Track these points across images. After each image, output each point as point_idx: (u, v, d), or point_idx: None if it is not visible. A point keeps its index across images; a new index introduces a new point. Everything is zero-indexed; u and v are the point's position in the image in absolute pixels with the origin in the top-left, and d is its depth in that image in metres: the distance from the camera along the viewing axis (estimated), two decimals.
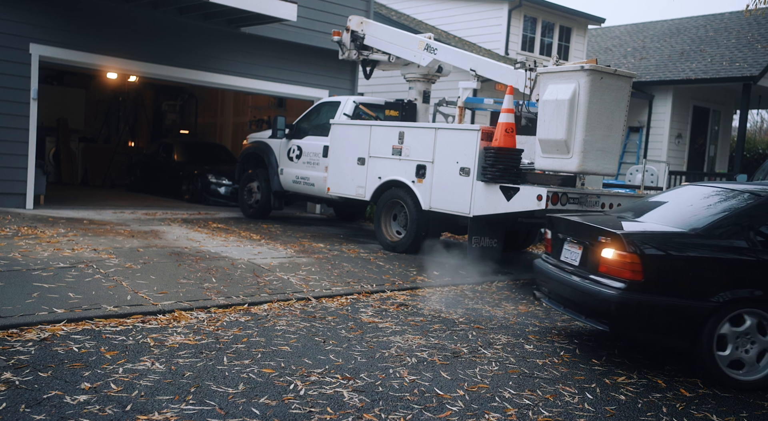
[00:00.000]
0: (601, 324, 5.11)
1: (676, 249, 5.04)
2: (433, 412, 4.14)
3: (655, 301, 4.94)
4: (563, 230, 5.98)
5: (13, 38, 10.81)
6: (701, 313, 4.88)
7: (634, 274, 4.94)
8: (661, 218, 5.65)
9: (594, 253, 5.34)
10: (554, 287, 5.82)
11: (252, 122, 18.16)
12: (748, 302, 4.93)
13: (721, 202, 5.53)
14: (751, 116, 34.57)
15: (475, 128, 8.76)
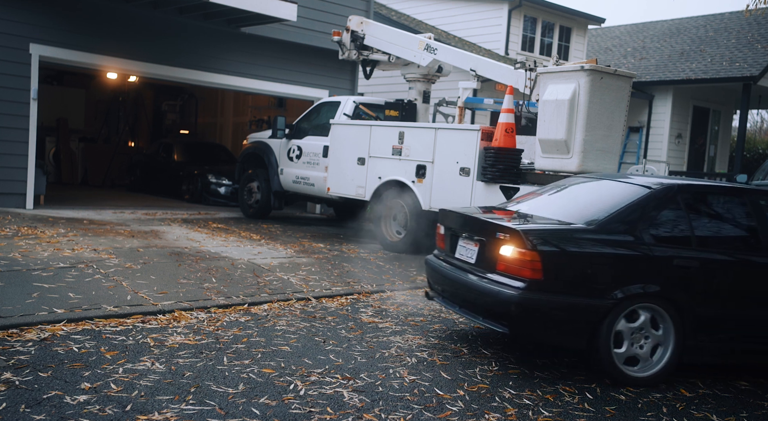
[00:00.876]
0: (501, 326, 4.85)
1: (576, 245, 4.84)
2: (433, 412, 4.14)
3: (555, 300, 4.75)
4: (457, 226, 5.65)
5: (13, 38, 10.82)
6: (599, 311, 4.74)
7: (534, 272, 4.72)
8: (559, 212, 5.40)
9: (492, 250, 5.05)
10: (449, 287, 5.52)
11: (252, 122, 18.16)
12: (643, 297, 4.83)
13: (616, 195, 5.32)
14: (751, 116, 34.58)
15: (475, 128, 8.76)
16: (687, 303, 4.89)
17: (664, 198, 5.15)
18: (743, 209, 5.37)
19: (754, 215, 5.31)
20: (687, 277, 4.92)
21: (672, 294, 4.87)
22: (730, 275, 5.10)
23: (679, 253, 4.94)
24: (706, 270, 4.99)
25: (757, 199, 5.39)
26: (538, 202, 5.90)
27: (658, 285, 4.84)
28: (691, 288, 4.93)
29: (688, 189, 5.30)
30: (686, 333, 4.91)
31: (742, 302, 5.09)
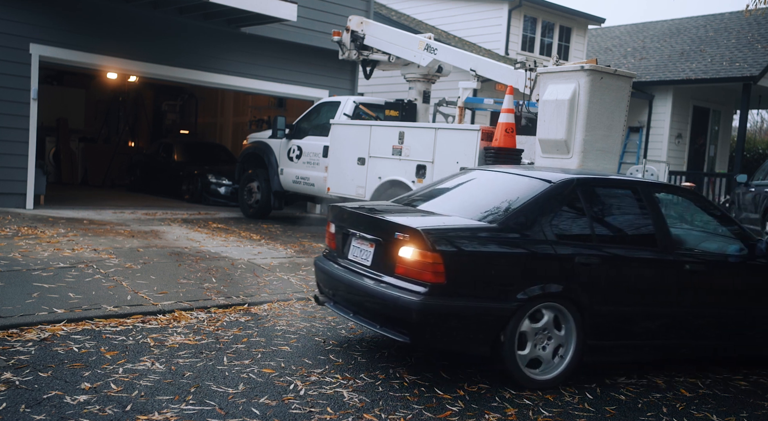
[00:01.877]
0: (401, 335, 4.46)
1: (481, 245, 4.53)
2: (433, 412, 4.14)
3: (460, 305, 4.42)
4: (351, 224, 5.16)
5: (13, 38, 10.82)
6: (504, 314, 4.48)
7: (436, 276, 4.35)
8: (460, 209, 5.10)
9: (389, 252, 4.65)
10: (342, 291, 5.07)
11: (252, 122, 18.17)
12: (547, 297, 4.61)
13: (517, 190, 5.06)
14: (751, 116, 34.58)
15: (475, 128, 8.76)
16: (589, 302, 4.72)
17: (564, 193, 4.94)
18: (639, 203, 5.24)
19: (649, 209, 5.19)
20: (588, 275, 4.75)
21: (574, 293, 4.68)
22: (628, 271, 4.95)
23: (580, 250, 4.76)
24: (607, 267, 4.84)
25: (651, 192, 5.27)
26: (437, 197, 5.56)
27: (562, 284, 4.64)
28: (593, 286, 4.76)
29: (587, 183, 5.12)
30: (587, 332, 4.76)
31: (640, 299, 4.95)
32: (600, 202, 5.23)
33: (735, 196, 14.85)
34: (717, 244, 5.56)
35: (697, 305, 5.15)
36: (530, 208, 4.79)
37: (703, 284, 5.18)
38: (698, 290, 5.14)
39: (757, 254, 5.38)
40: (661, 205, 5.27)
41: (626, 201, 5.32)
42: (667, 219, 5.24)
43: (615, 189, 5.39)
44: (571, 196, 4.95)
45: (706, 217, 5.70)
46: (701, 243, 5.57)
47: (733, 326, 5.32)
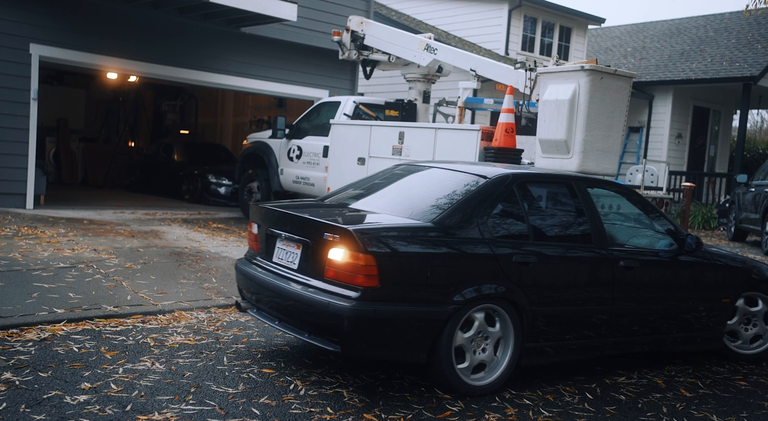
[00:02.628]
0: (331, 344, 4.16)
1: (416, 246, 4.25)
2: (433, 412, 4.14)
3: (394, 310, 4.14)
4: (276, 224, 4.84)
5: (13, 38, 10.82)
6: (441, 318, 4.24)
7: (369, 279, 4.07)
8: (393, 207, 4.84)
9: (318, 254, 4.35)
10: (266, 297, 4.73)
11: (252, 122, 18.17)
12: (485, 299, 4.40)
13: (452, 186, 4.84)
14: (751, 116, 34.58)
15: (475, 128, 8.76)
16: (527, 302, 4.55)
17: (500, 189, 4.75)
18: (575, 199, 5.12)
19: (584, 205, 5.08)
20: (527, 274, 4.57)
21: (513, 294, 4.50)
22: (566, 270, 4.82)
23: (518, 248, 4.58)
24: (545, 266, 4.69)
25: (584, 187, 5.16)
26: (369, 194, 5.28)
27: (500, 285, 4.44)
28: (531, 286, 4.59)
29: (522, 178, 4.95)
30: (525, 335, 4.59)
31: (578, 298, 4.83)
32: (536, 198, 5.14)
33: (735, 196, 14.86)
34: (649, 239, 5.54)
35: (632, 302, 5.09)
36: (466, 205, 4.59)
37: (636, 280, 5.10)
38: (632, 287, 5.07)
39: (686, 249, 5.37)
40: (595, 201, 5.17)
41: (562, 197, 5.22)
42: (601, 215, 5.16)
43: (550, 184, 5.25)
44: (507, 192, 4.78)
45: (638, 212, 5.61)
46: (634, 239, 5.54)
47: (665, 321, 5.30)
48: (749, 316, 5.81)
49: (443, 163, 5.52)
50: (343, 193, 5.43)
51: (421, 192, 5.07)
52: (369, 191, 5.32)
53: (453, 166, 5.23)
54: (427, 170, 5.35)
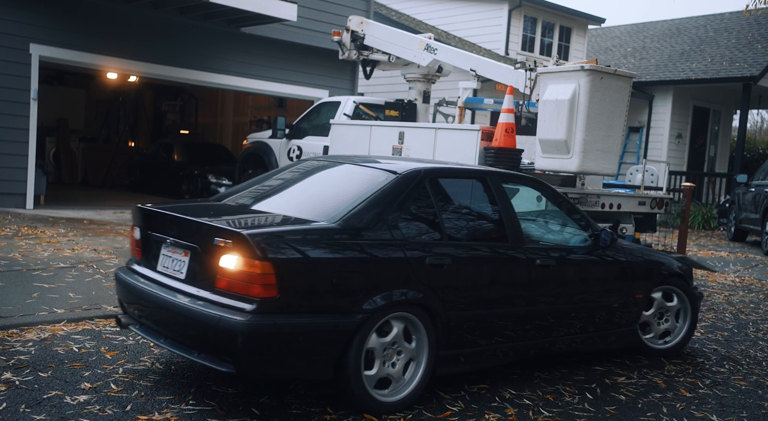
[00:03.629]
0: (224, 364, 3.68)
1: (319, 250, 3.84)
2: (433, 412, 4.14)
3: (296, 323, 3.74)
4: (161, 228, 4.29)
5: (13, 38, 10.82)
6: (348, 330, 3.85)
7: (266, 289, 3.64)
8: (294, 207, 4.44)
9: (208, 261, 3.86)
10: (149, 311, 4.19)
11: (252, 122, 18.18)
12: (396, 306, 4.05)
13: (360, 184, 4.47)
14: (751, 116, 34.58)
15: (475, 128, 8.75)
16: (442, 307, 4.24)
17: (411, 186, 4.40)
18: (489, 195, 4.85)
19: (499, 201, 4.82)
20: (441, 277, 4.26)
21: (427, 299, 4.16)
22: (481, 271, 4.55)
23: (431, 250, 4.27)
24: (459, 268, 4.39)
25: (499, 182, 4.90)
26: (269, 193, 4.83)
27: (413, 290, 4.10)
28: (446, 290, 4.29)
29: (434, 173, 4.63)
30: (441, 342, 4.27)
31: (494, 300, 4.59)
32: (450, 195, 4.83)
33: (735, 196, 14.86)
34: (565, 235, 5.37)
35: (549, 302, 4.90)
36: (375, 204, 4.20)
37: (553, 279, 4.92)
38: (549, 286, 4.90)
39: (600, 244, 5.21)
40: (510, 197, 4.95)
41: (477, 193, 4.94)
42: (516, 211, 4.92)
43: (464, 180, 4.98)
44: (418, 189, 4.44)
45: (554, 207, 5.42)
46: (550, 235, 5.38)
47: (582, 319, 5.15)
48: (663, 310, 5.76)
49: (352, 157, 5.12)
50: (242, 191, 4.94)
51: (327, 190, 4.68)
52: (270, 190, 4.88)
53: (362, 162, 4.87)
54: (334, 166, 4.96)
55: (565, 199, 5.45)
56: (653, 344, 5.73)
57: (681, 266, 5.86)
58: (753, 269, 11.17)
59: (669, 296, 5.79)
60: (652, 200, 8.61)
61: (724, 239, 15.10)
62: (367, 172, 4.62)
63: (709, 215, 17.19)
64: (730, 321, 7.33)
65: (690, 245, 13.12)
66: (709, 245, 13.91)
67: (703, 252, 12.62)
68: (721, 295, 8.86)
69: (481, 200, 4.93)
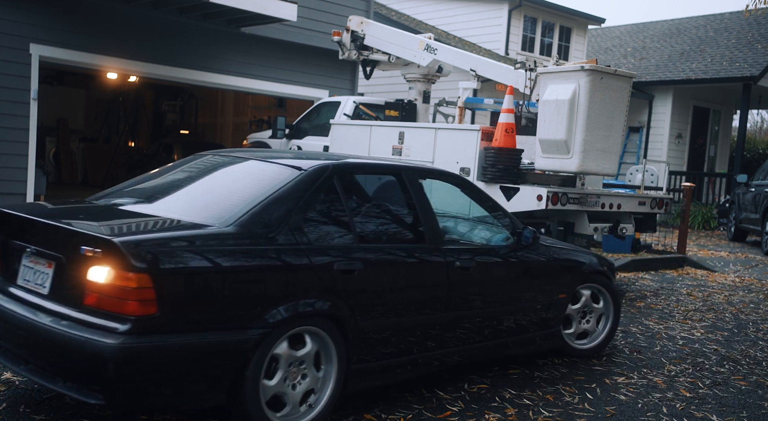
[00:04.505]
0: (92, 395, 3.17)
1: (208, 258, 3.36)
2: (433, 412, 4.14)
3: (180, 344, 3.24)
4: (21, 234, 3.74)
5: (13, 38, 10.81)
6: (245, 348, 3.41)
7: (143, 306, 3.15)
8: (180, 209, 3.89)
9: (75, 274, 3.33)
10: (7, 332, 3.61)
11: (252, 122, 18.19)
12: (300, 319, 3.63)
13: (259, 182, 4.02)
14: (751, 116, 34.59)
15: (475, 128, 8.76)
16: (353, 318, 3.85)
17: (318, 183, 3.99)
18: (405, 192, 4.51)
19: (415, 199, 4.47)
20: (351, 284, 3.87)
21: (336, 309, 3.77)
22: (397, 275, 4.22)
23: (340, 254, 3.88)
24: (371, 273, 4.02)
25: (416, 178, 4.56)
26: (152, 193, 4.30)
27: (320, 300, 3.71)
28: (357, 298, 3.91)
29: (344, 169, 4.24)
30: (351, 356, 3.88)
31: (412, 306, 4.25)
32: (361, 193, 4.54)
33: (735, 196, 14.86)
34: (486, 234, 5.11)
35: (471, 305, 4.63)
36: (276, 204, 3.76)
37: (474, 281, 4.64)
38: (470, 289, 4.62)
39: (523, 243, 4.96)
40: (428, 194, 4.59)
41: (391, 190, 4.61)
42: (435, 209, 4.58)
43: (378, 176, 4.66)
44: (326, 186, 4.03)
45: (474, 204, 5.12)
46: (470, 234, 5.13)
47: (506, 323, 4.91)
48: (587, 310, 5.57)
49: (253, 152, 4.67)
50: (121, 190, 4.44)
51: (223, 189, 4.17)
52: (157, 189, 4.34)
53: (264, 157, 4.42)
54: (235, 162, 4.49)
55: (486, 196, 5.21)
56: (574, 344, 5.52)
57: (603, 263, 5.70)
58: (753, 269, 11.17)
59: (596, 297, 5.62)
60: (652, 200, 8.61)
61: (724, 239, 15.10)
62: (270, 169, 4.16)
63: (709, 215, 17.19)
64: (730, 321, 7.33)
65: (690, 244, 13.13)
66: (709, 245, 13.91)
67: (703, 252, 12.62)
68: (721, 295, 8.86)
69: (397, 198, 4.60)
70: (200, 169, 4.51)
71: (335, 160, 4.26)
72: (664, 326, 6.85)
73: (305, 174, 3.99)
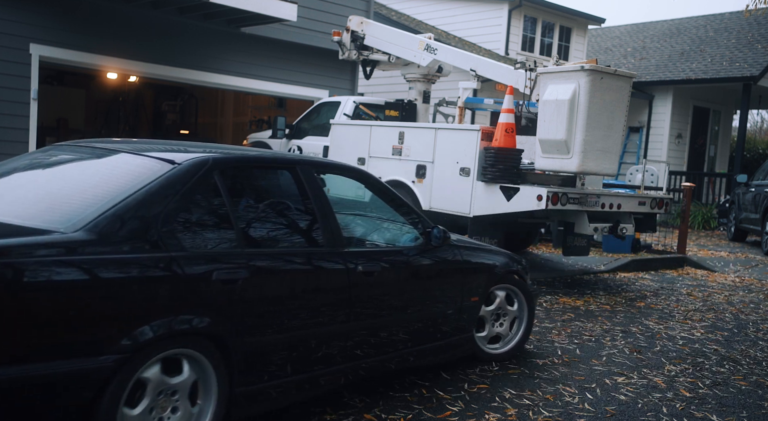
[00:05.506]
0: None
1: (53, 270, 2.81)
2: (433, 412, 4.14)
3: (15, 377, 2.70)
4: None
5: (13, 38, 10.82)
6: (99, 376, 2.89)
7: None
8: (26, 210, 3.28)
9: None
10: None
11: (252, 122, 18.19)
12: (170, 340, 3.13)
13: (124, 177, 3.43)
14: (751, 116, 34.60)
15: (475, 128, 8.76)
16: (236, 335, 3.38)
17: (194, 179, 3.45)
18: (300, 189, 4.03)
19: (312, 196, 4.00)
20: (234, 296, 3.39)
21: (215, 327, 3.28)
22: (287, 283, 3.72)
23: (220, 262, 3.38)
24: (257, 282, 3.52)
25: (312, 173, 4.09)
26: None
27: (195, 316, 3.21)
28: (241, 312, 3.42)
29: (226, 163, 3.70)
30: (236, 378, 3.41)
31: (302, 319, 3.75)
32: (249, 190, 4.02)
33: (735, 196, 14.87)
34: (392, 234, 4.75)
35: (376, 314, 4.21)
36: (141, 203, 3.22)
37: (380, 287, 4.23)
38: (375, 296, 4.20)
39: (432, 243, 4.59)
40: (326, 191, 4.21)
41: (284, 187, 4.16)
42: (334, 208, 4.13)
43: (268, 171, 4.14)
44: (205, 183, 3.51)
45: (380, 202, 4.68)
46: (375, 235, 4.77)
47: (415, 331, 4.51)
48: (501, 312, 5.27)
49: (120, 143, 4.01)
50: None
51: (76, 186, 3.53)
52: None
53: (132, 148, 3.80)
54: (93, 153, 3.84)
55: (392, 193, 4.71)
56: (487, 348, 5.19)
57: (517, 263, 5.40)
58: (753, 269, 11.17)
59: (510, 299, 5.32)
60: (652, 200, 8.62)
61: (724, 239, 15.10)
62: (137, 163, 3.56)
63: (709, 215, 17.20)
64: (730, 321, 7.33)
65: (690, 244, 13.13)
66: (709, 245, 13.92)
67: (703, 252, 12.62)
68: (721, 295, 8.86)
69: (290, 196, 4.10)
70: (51, 163, 3.88)
71: (217, 153, 3.73)
72: (664, 326, 6.85)
73: (179, 169, 3.44)
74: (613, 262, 10.55)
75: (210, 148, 3.92)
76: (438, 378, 4.72)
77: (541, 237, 11.86)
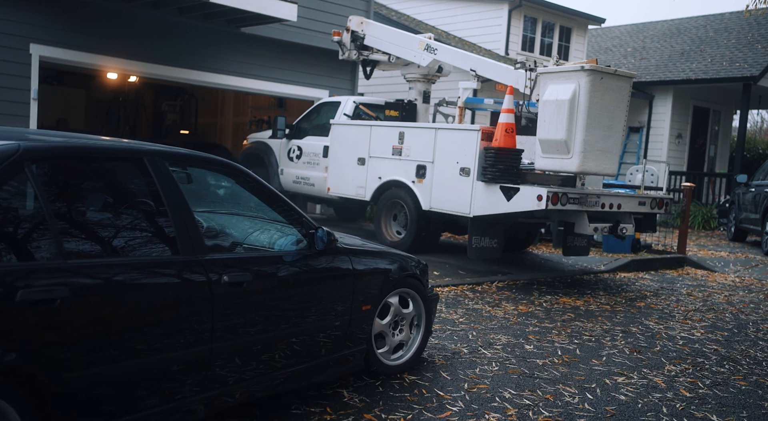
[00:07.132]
0: None
1: None
2: (433, 412, 4.14)
3: None
4: None
5: (13, 38, 10.82)
6: None
7: None
8: None
9: None
10: None
11: (252, 122, 18.19)
12: None
13: None
14: (751, 116, 34.59)
15: (475, 128, 8.76)
16: (53, 372, 2.69)
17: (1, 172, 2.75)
18: (149, 185, 3.36)
19: (163, 194, 3.32)
20: (50, 321, 2.69)
21: (23, 363, 2.59)
22: (123, 302, 2.99)
23: (29, 279, 2.67)
24: (84, 303, 2.82)
25: (166, 166, 3.40)
26: None
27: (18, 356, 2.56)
28: (60, 342, 2.72)
29: (44, 153, 2.98)
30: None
31: (149, 345, 3.06)
32: (74, 187, 3.23)
33: (735, 196, 14.87)
34: (268, 237, 4.09)
35: (246, 332, 3.54)
36: None
37: (251, 300, 3.58)
38: (244, 311, 3.54)
39: (316, 246, 4.03)
40: (184, 188, 3.46)
41: (126, 183, 3.47)
42: (195, 208, 3.49)
43: (103, 164, 3.33)
44: (13, 178, 2.79)
45: (255, 200, 4.04)
46: (247, 238, 4.09)
47: (296, 349, 3.92)
48: (399, 319, 4.80)
49: None
50: None
51: None
52: None
53: None
54: None
55: (270, 190, 4.04)
56: (388, 360, 4.72)
57: (415, 265, 4.94)
58: (753, 269, 11.17)
59: (405, 302, 4.84)
60: (652, 200, 8.62)
61: (724, 239, 15.11)
62: None
63: (709, 214, 17.20)
64: (730, 321, 7.33)
65: (690, 244, 13.13)
66: (709, 245, 13.92)
67: (703, 252, 12.62)
68: (721, 295, 8.86)
69: (134, 194, 3.47)
70: None
71: (30, 141, 2.96)
72: (664, 326, 6.85)
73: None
74: (613, 262, 10.55)
75: (16, 135, 3.09)
76: (438, 378, 4.73)
77: (541, 237, 11.86)
